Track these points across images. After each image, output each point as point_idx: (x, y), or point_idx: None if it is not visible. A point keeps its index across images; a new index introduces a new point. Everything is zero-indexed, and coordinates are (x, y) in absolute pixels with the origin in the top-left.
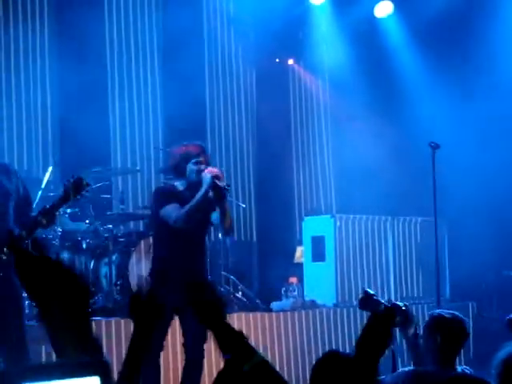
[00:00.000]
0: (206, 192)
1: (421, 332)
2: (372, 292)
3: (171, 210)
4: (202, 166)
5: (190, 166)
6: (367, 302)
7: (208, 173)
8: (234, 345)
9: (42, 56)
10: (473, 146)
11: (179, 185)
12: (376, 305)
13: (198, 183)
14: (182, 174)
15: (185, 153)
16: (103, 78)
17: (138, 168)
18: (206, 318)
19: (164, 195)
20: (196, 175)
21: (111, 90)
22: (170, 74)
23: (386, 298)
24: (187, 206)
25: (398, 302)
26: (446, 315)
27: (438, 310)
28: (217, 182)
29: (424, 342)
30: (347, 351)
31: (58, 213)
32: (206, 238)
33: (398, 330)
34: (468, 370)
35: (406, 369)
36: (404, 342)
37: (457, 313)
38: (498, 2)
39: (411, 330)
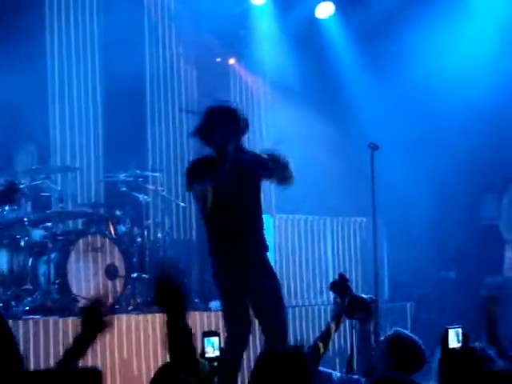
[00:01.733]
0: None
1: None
2: (347, 279)
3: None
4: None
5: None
6: (339, 286)
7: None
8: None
9: None
10: (412, 145)
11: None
12: (344, 292)
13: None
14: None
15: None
16: (43, 74)
17: (77, 166)
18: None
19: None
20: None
21: (51, 88)
22: (110, 71)
23: (326, 297)
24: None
25: (364, 296)
26: (408, 337)
27: (403, 330)
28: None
29: (380, 356)
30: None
31: None
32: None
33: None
34: None
35: (356, 376)
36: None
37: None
38: (435, 4)
39: (370, 326)
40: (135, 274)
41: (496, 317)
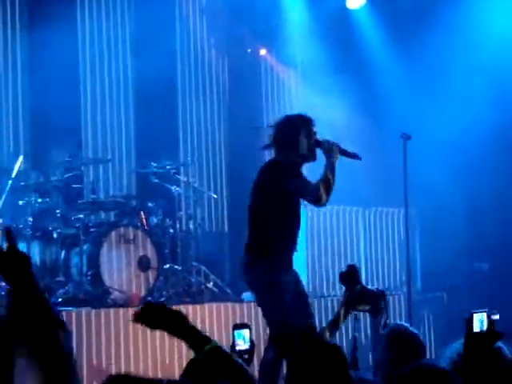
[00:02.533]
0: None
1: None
2: (356, 270)
3: (312, 186)
4: (319, 136)
5: (303, 138)
6: (347, 276)
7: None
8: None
9: (14, 48)
10: (446, 135)
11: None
12: (353, 284)
13: (311, 156)
14: (293, 148)
15: (295, 124)
16: (75, 68)
17: (109, 158)
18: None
19: (294, 169)
20: (314, 145)
21: (83, 80)
22: (142, 64)
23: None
24: (328, 182)
25: (373, 288)
26: (407, 331)
27: (403, 324)
28: (345, 149)
29: (381, 350)
30: None
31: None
32: None
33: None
34: None
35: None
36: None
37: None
38: None
39: (382, 320)
40: (167, 266)
41: None
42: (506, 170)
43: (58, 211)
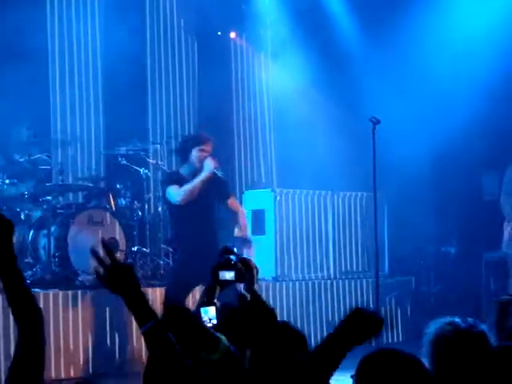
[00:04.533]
0: (206, 177)
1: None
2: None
3: (174, 191)
4: (205, 154)
5: (194, 152)
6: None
7: (210, 161)
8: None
9: None
10: (413, 121)
11: (183, 170)
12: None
13: (200, 169)
14: (186, 158)
15: (191, 139)
16: (44, 47)
17: (77, 139)
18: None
19: (168, 179)
20: (198, 161)
21: (51, 60)
22: (111, 45)
23: (326, 272)
24: (187, 186)
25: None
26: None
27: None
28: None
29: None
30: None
31: None
32: (214, 213)
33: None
34: None
35: None
36: None
37: None
38: None
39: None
40: (135, 248)
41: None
42: (473, 155)
43: (25, 192)
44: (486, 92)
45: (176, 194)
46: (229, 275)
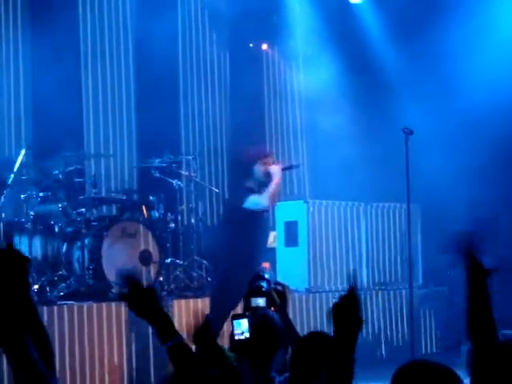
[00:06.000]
0: (278, 182)
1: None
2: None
3: (256, 199)
4: (268, 166)
5: (257, 167)
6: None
7: (277, 168)
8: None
9: (15, 40)
10: (449, 132)
11: (249, 184)
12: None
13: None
14: (250, 173)
15: (253, 154)
16: (76, 61)
17: (111, 153)
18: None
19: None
20: (263, 175)
21: (84, 73)
22: (144, 59)
23: (359, 283)
24: (266, 191)
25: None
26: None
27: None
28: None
29: None
30: None
31: None
32: None
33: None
34: None
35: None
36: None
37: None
38: None
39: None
40: (169, 260)
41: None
42: (508, 165)
43: (59, 205)
44: None
45: (260, 199)
46: (260, 302)
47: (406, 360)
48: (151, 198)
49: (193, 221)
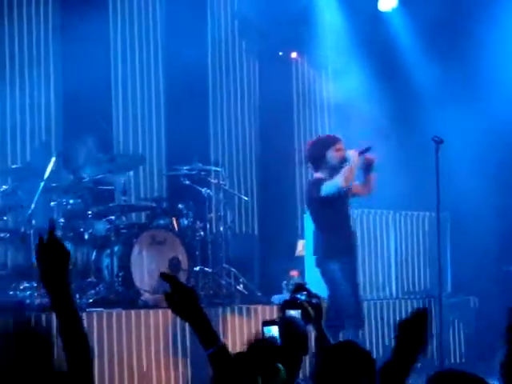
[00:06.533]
0: (354, 164)
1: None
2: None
3: (329, 182)
4: (341, 152)
5: (330, 154)
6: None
7: (352, 152)
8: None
9: (46, 48)
10: (478, 140)
11: (322, 175)
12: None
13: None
14: (321, 163)
15: (322, 143)
16: (107, 69)
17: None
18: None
19: (318, 181)
20: (337, 161)
21: (114, 81)
22: (173, 67)
23: (388, 292)
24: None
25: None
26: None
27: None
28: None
29: None
30: None
31: None
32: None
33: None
34: None
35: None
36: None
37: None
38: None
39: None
40: (198, 268)
41: None
42: None
43: (89, 212)
44: None
45: (334, 182)
46: (294, 314)
47: (433, 370)
48: (180, 205)
49: (221, 229)
